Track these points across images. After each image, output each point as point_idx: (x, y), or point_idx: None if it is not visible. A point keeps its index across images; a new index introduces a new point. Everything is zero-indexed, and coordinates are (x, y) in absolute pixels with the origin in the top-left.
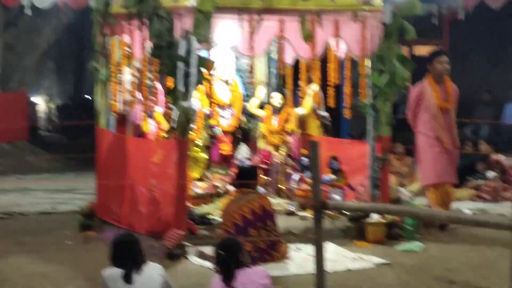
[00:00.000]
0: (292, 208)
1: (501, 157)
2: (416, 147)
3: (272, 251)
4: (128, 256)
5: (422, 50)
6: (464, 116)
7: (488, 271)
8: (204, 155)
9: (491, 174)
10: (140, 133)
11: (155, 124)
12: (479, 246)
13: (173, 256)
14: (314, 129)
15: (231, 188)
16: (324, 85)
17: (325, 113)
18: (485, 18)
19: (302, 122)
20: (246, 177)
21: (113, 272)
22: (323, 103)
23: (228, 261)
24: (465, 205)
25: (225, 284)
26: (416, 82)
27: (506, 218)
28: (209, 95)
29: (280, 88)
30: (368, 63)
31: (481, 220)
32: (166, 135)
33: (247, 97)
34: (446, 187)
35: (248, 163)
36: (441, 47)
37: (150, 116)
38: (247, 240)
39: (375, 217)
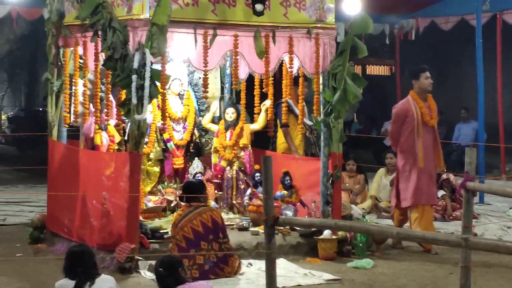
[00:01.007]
0: (245, 223)
1: (451, 176)
2: (397, 167)
3: (223, 265)
4: (81, 268)
5: (374, 70)
6: None
7: None
8: (157, 169)
9: (441, 193)
10: (92, 146)
11: (107, 137)
12: (429, 264)
13: (124, 269)
14: (297, 142)
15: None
16: (278, 101)
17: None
18: (435, 39)
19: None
20: (192, 191)
21: (66, 284)
22: (306, 115)
23: (167, 279)
24: None
25: None
26: (368, 101)
27: (455, 235)
28: (163, 109)
29: (233, 103)
30: (321, 80)
31: (430, 237)
32: (118, 148)
33: (201, 111)
34: (426, 209)
35: (200, 177)
36: (424, 66)
37: (103, 128)
38: (198, 253)
39: (326, 234)
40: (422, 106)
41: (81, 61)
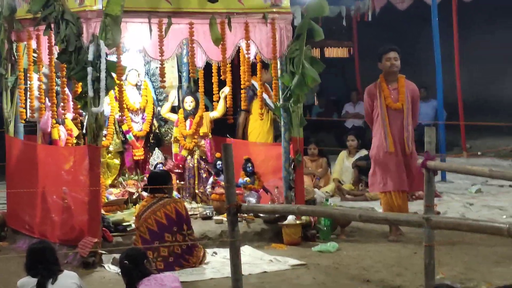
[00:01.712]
0: (208, 212)
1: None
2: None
3: (188, 256)
4: (42, 265)
5: (332, 52)
6: None
7: (402, 269)
8: (117, 161)
9: None
10: (50, 140)
11: (65, 131)
12: (393, 245)
13: (88, 264)
14: (266, 127)
15: (145, 193)
16: (237, 88)
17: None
18: (391, 19)
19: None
20: (158, 182)
21: (28, 281)
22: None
23: (132, 271)
24: (378, 204)
25: None
26: (329, 84)
27: (417, 215)
28: (120, 100)
29: (192, 92)
30: (278, 65)
31: (392, 217)
32: (77, 142)
33: (159, 101)
34: (394, 195)
35: (161, 168)
36: (391, 46)
37: (60, 122)
38: (162, 245)
39: (290, 219)
40: (385, 88)
41: (35, 55)
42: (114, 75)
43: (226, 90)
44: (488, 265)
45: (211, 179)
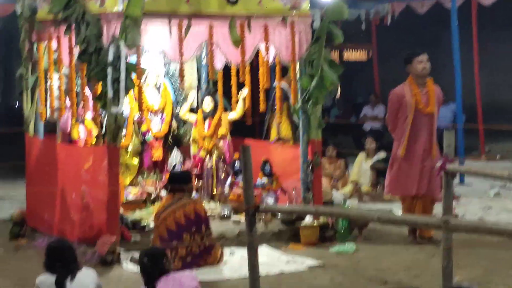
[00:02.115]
0: (226, 213)
1: None
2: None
3: (206, 255)
4: (61, 262)
5: (351, 55)
6: None
7: (419, 271)
8: (136, 161)
9: None
10: (70, 140)
11: (84, 131)
12: (410, 246)
13: (106, 262)
14: (287, 131)
15: (163, 193)
16: (255, 90)
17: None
18: (410, 23)
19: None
20: (178, 182)
21: (47, 279)
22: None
23: (151, 269)
24: (396, 206)
25: None
26: (346, 86)
27: (435, 218)
28: (139, 101)
29: (210, 93)
30: (297, 67)
31: (410, 220)
32: (96, 142)
33: (178, 102)
34: (416, 200)
35: (180, 168)
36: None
37: (80, 122)
38: (180, 245)
39: (308, 220)
40: (417, 92)
41: (56, 55)
42: (133, 76)
43: (245, 91)
44: (507, 268)
45: (229, 180)
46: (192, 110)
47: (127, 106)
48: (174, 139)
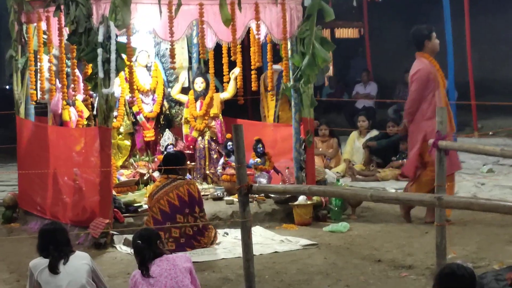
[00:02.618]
0: (219, 193)
1: None
2: (411, 134)
3: (199, 237)
4: (54, 246)
5: (343, 33)
6: (386, 96)
7: (413, 249)
8: (128, 142)
9: None
10: (61, 122)
11: (75, 112)
12: (404, 225)
13: (100, 245)
14: (287, 112)
15: (156, 174)
16: (247, 69)
17: None
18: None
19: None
20: (172, 163)
21: (40, 262)
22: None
23: (145, 251)
24: (390, 185)
25: (142, 274)
26: (337, 64)
27: (428, 195)
28: (130, 81)
29: (202, 73)
30: (289, 45)
31: (404, 197)
32: (88, 123)
33: (169, 82)
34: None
35: (171, 149)
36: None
37: (71, 104)
38: (174, 226)
39: (301, 199)
40: (439, 68)
41: (45, 36)
42: (124, 56)
43: (236, 71)
44: (500, 244)
45: (221, 160)
46: (184, 91)
47: (118, 87)
48: (166, 119)
